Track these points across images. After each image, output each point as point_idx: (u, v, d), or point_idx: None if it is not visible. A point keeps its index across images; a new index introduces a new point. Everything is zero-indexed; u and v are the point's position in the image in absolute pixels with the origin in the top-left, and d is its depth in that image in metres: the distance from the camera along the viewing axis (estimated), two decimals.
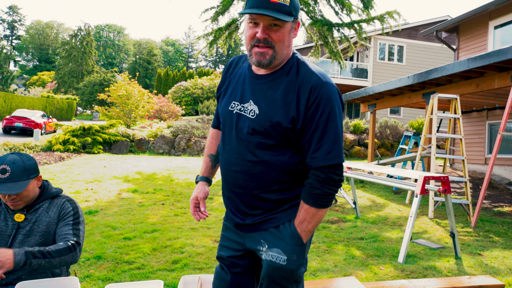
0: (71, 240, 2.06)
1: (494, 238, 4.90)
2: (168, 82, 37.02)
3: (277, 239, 1.46)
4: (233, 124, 1.48)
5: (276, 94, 1.41)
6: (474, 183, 9.40)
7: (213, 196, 6.92)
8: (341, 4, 10.93)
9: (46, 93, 34.62)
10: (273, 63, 1.40)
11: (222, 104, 1.57)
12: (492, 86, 6.83)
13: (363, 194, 7.82)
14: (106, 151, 12.68)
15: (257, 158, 1.43)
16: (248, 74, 1.51)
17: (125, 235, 4.41)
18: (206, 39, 11.86)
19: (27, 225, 2.09)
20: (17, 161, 2.03)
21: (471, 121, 11.29)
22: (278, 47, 1.38)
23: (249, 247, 1.55)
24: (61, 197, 2.22)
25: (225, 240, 1.64)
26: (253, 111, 1.43)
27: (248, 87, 1.48)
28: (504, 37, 10.36)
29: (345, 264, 3.75)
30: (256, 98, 1.44)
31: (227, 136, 1.52)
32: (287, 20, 1.33)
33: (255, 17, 1.35)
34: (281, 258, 1.44)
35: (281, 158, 1.43)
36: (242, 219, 1.53)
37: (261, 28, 1.35)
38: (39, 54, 63.88)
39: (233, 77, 1.57)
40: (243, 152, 1.45)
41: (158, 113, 19.75)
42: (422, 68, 19.88)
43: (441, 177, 4.08)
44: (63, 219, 2.14)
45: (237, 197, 1.53)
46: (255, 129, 1.41)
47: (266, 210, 1.49)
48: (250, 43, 1.40)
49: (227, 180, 1.55)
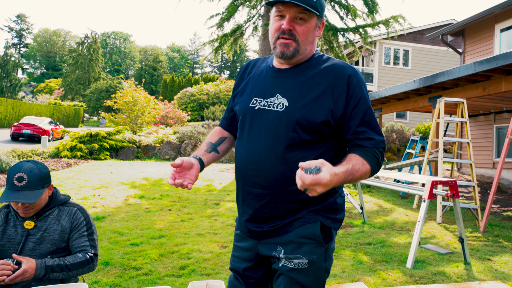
0: (89, 252, 2.10)
1: (503, 243, 4.84)
2: (174, 88, 37.24)
3: (296, 243, 1.39)
4: (256, 119, 1.43)
5: (305, 84, 1.39)
6: (482, 187, 9.31)
7: (220, 201, 6.92)
8: (346, 9, 10.96)
9: (54, 100, 34.97)
10: (296, 56, 1.40)
11: (240, 102, 1.52)
12: (499, 90, 6.79)
13: (370, 199, 7.78)
14: (113, 157, 12.75)
15: (286, 153, 1.36)
16: (270, 70, 1.50)
17: (132, 241, 4.42)
18: (212, 45, 11.94)
19: (37, 232, 2.09)
20: (33, 169, 2.03)
21: (478, 125, 11.21)
22: (301, 41, 1.39)
23: (262, 253, 1.47)
24: (70, 204, 2.22)
25: (237, 250, 1.57)
26: (281, 104, 1.39)
27: (272, 82, 1.46)
28: (511, 40, 10.31)
29: (353, 269, 3.72)
30: (283, 91, 1.41)
31: (248, 133, 1.45)
32: (313, 12, 1.35)
33: (281, 9, 1.36)
34: (302, 263, 1.38)
35: (311, 153, 1.38)
36: (260, 226, 1.45)
37: (287, 20, 1.36)
38: (47, 61, 64.59)
39: (252, 76, 1.55)
40: (269, 147, 1.38)
41: (164, 119, 19.85)
42: (428, 72, 19.80)
43: (449, 181, 4.05)
44: (77, 230, 2.14)
45: (255, 199, 1.43)
46: (284, 122, 1.37)
47: (287, 211, 1.41)
48: (275, 35, 1.40)
49: (245, 180, 1.45)
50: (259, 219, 1.44)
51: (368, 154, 1.35)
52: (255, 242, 1.49)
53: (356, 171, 1.29)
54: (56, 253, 2.14)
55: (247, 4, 11.35)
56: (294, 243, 1.39)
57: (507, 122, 10.14)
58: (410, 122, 20.02)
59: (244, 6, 11.46)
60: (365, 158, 1.34)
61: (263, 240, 1.46)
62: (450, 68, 7.20)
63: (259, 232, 1.45)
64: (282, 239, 1.41)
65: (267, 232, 1.44)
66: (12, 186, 1.98)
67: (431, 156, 7.23)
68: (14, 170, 2.01)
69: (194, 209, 6.31)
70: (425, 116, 19.51)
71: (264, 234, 1.45)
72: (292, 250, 1.39)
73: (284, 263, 1.39)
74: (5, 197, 1.97)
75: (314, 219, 1.40)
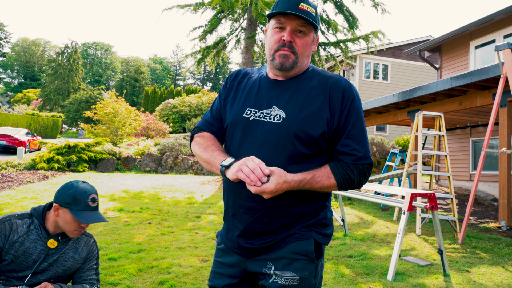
0: (96, 286, 2.17)
1: (481, 254, 4.93)
2: (156, 100, 37.01)
3: (288, 259, 1.37)
4: (251, 131, 1.39)
5: (303, 97, 1.39)
6: (459, 199, 9.50)
7: (201, 214, 6.84)
8: (327, 24, 11.17)
9: (31, 111, 34.18)
10: (294, 68, 1.41)
11: (231, 112, 1.47)
12: (475, 104, 7.00)
13: (351, 211, 7.83)
14: (92, 169, 12.49)
15: (283, 166, 1.32)
16: (265, 81, 1.47)
17: (110, 255, 4.30)
18: (194, 57, 11.95)
19: (55, 254, 2.08)
20: (95, 191, 2.14)
21: (456, 138, 11.50)
22: (300, 54, 1.40)
23: (250, 269, 1.43)
24: (86, 233, 2.27)
25: (219, 266, 1.51)
26: (278, 115, 1.37)
27: (268, 93, 1.43)
28: (485, 56, 10.68)
29: (335, 282, 3.71)
30: (280, 103, 1.39)
31: (240, 144, 1.41)
32: (313, 24, 1.37)
33: (283, 21, 1.37)
34: (293, 280, 1.35)
35: (308, 166, 1.36)
36: (252, 242, 1.40)
37: (288, 31, 1.37)
38: (25, 71, 63.34)
39: (243, 86, 1.51)
40: (265, 159, 1.31)
41: (145, 131, 19.64)
42: (407, 86, 20.29)
43: (428, 193, 4.11)
44: (89, 262, 2.20)
45: (248, 213, 1.39)
46: (282, 134, 1.35)
47: (281, 226, 1.38)
48: (274, 47, 1.40)
49: (237, 193, 1.40)
50: (251, 234, 1.40)
51: (339, 169, 1.35)
52: (242, 258, 1.45)
53: (316, 182, 1.31)
54: (60, 278, 2.15)
55: (230, 17, 11.46)
56: (286, 259, 1.37)
57: (482, 136, 10.43)
58: (390, 135, 20.38)
59: (227, 19, 11.56)
60: (333, 172, 1.34)
61: (253, 258, 1.43)
62: (428, 83, 7.39)
63: (250, 249, 1.41)
64: (273, 255, 1.39)
65: (258, 249, 1.40)
66: (88, 207, 2.05)
67: (410, 168, 7.35)
68: (85, 192, 2.06)
69: (174, 222, 6.21)
70: (404, 129, 19.90)
71: (255, 251, 1.41)
72: (283, 266, 1.36)
73: (274, 279, 1.36)
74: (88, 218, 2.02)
75: (308, 235, 1.39)
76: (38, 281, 2.04)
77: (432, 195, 4.10)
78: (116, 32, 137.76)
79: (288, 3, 1.35)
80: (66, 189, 2.06)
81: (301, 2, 1.35)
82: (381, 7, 10.99)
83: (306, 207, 1.40)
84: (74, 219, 2.00)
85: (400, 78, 21.19)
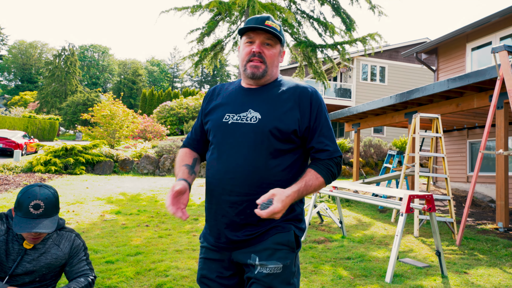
0: (90, 276, 2.14)
1: (479, 256, 4.93)
2: (153, 102, 36.96)
3: (271, 249, 1.50)
4: (230, 133, 1.56)
5: (275, 100, 1.58)
6: (457, 201, 9.52)
7: (199, 217, 6.83)
8: (324, 26, 11.19)
9: (28, 113, 34.05)
10: (264, 76, 1.61)
11: (212, 119, 1.64)
12: (472, 106, 7.02)
13: (349, 213, 7.83)
14: (89, 171, 12.45)
15: (261, 161, 1.51)
16: (240, 90, 1.66)
17: (107, 258, 4.28)
18: (192, 60, 11.95)
19: (34, 254, 2.04)
20: (49, 196, 1.98)
21: (453, 140, 11.53)
22: (269, 63, 1.60)
23: (236, 260, 1.56)
24: (67, 229, 2.20)
25: (206, 263, 1.63)
26: (254, 117, 1.55)
27: (243, 99, 1.62)
28: (481, 58, 10.73)
29: (333, 285, 3.71)
30: (255, 106, 1.58)
31: (221, 146, 1.57)
32: (277, 39, 1.60)
33: (252, 36, 1.59)
34: (277, 268, 1.49)
35: (284, 160, 1.55)
36: (236, 235, 1.53)
37: (257, 44, 1.59)
38: (22, 74, 63.16)
39: (222, 97, 1.69)
40: (246, 156, 1.51)
41: (143, 133, 19.60)
42: (404, 88, 20.34)
43: (426, 195, 4.12)
44: (76, 256, 2.16)
45: (232, 206, 1.52)
46: (258, 133, 1.52)
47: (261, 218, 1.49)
48: (246, 59, 1.60)
49: (221, 190, 1.54)
50: (234, 226, 1.53)
51: (321, 168, 1.55)
52: (227, 252, 1.57)
53: (309, 186, 1.50)
54: (44, 280, 2.11)
55: (227, 19, 11.46)
56: (269, 249, 1.51)
57: (479, 137, 10.47)
58: (387, 137, 20.42)
59: (225, 21, 11.56)
60: (318, 171, 1.54)
61: (238, 250, 1.55)
62: (425, 85, 7.41)
63: (235, 241, 1.54)
64: (257, 247, 1.52)
65: (242, 241, 1.53)
66: (28, 214, 1.90)
67: (407, 170, 7.36)
68: (28, 197, 1.93)
69: (172, 224, 6.20)
70: (401, 131, 19.94)
71: (239, 243, 1.54)
72: (267, 256, 1.50)
73: (259, 270, 1.49)
74: (22, 227, 1.88)
75: (288, 228, 1.55)
76: (23, 281, 2.03)
77: (430, 196, 4.10)
78: (113, 34, 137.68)
79: (256, 21, 1.57)
80: (21, 191, 2.00)
81: (267, 20, 1.58)
82: (378, 9, 11.03)
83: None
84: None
85: (397, 80, 21.25)
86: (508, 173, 6.24)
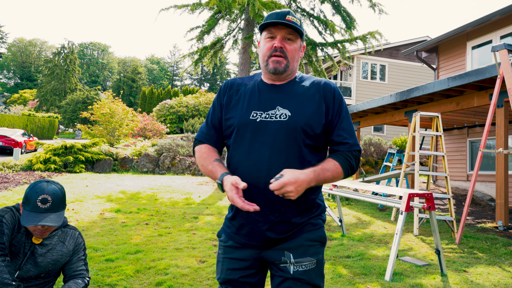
0: (86, 277, 2.19)
1: (478, 254, 4.94)
2: (153, 100, 36.91)
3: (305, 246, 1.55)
4: (260, 131, 1.54)
5: (301, 97, 1.59)
6: (457, 199, 9.52)
7: (198, 215, 6.83)
8: (324, 24, 11.18)
9: (27, 111, 34.05)
10: (286, 71, 1.60)
11: (236, 116, 1.61)
12: (472, 104, 7.01)
13: (349, 211, 7.83)
14: (89, 170, 12.44)
15: (294, 157, 1.52)
16: (263, 86, 1.65)
17: (107, 256, 4.28)
18: (192, 58, 11.93)
19: (42, 249, 2.09)
20: (56, 191, 2.03)
21: (453, 139, 11.53)
22: (291, 58, 1.60)
23: (268, 258, 1.58)
24: (70, 227, 2.24)
25: (231, 263, 1.61)
26: (284, 114, 1.55)
27: (269, 96, 1.61)
28: (481, 57, 10.72)
29: (332, 283, 3.71)
30: (282, 103, 1.57)
31: (250, 144, 1.55)
32: (300, 31, 1.59)
33: (273, 31, 1.58)
34: (311, 263, 1.54)
35: (315, 156, 1.58)
36: (272, 234, 1.55)
37: (278, 39, 1.58)
38: (21, 71, 63.08)
39: (243, 92, 1.66)
40: (278, 153, 1.52)
41: (143, 132, 19.58)
42: (404, 86, 20.33)
43: (425, 194, 4.11)
44: (77, 254, 2.21)
45: (266, 204, 1.52)
46: (290, 130, 1.52)
47: (295, 215, 1.55)
48: (267, 54, 1.59)
49: (255, 188, 1.52)
50: (269, 224, 1.54)
51: (340, 157, 1.56)
52: (257, 251, 1.59)
53: (327, 170, 1.50)
54: (48, 277, 2.15)
55: (227, 17, 11.44)
56: (303, 246, 1.55)
57: (479, 136, 10.46)
58: (387, 135, 20.41)
59: (224, 19, 11.54)
60: (337, 160, 1.55)
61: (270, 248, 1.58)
62: (425, 83, 7.40)
63: (270, 239, 1.55)
64: (290, 244, 1.55)
65: (277, 239, 1.56)
66: (36, 208, 1.95)
67: (407, 169, 7.36)
68: (36, 192, 1.97)
69: (172, 223, 6.20)
70: (401, 129, 19.94)
71: (273, 241, 1.56)
72: (301, 253, 1.54)
73: (295, 268, 1.52)
74: (30, 220, 1.92)
75: (319, 224, 1.62)
76: (30, 276, 2.07)
77: (430, 195, 4.10)
78: (113, 32, 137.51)
79: (277, 16, 1.57)
80: (29, 187, 2.04)
81: (287, 14, 1.57)
82: (378, 7, 11.01)
83: (311, 194, 1.59)
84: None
85: (397, 79, 21.23)
86: (508, 172, 6.24)
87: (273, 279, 1.58)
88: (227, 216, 1.69)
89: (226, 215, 1.71)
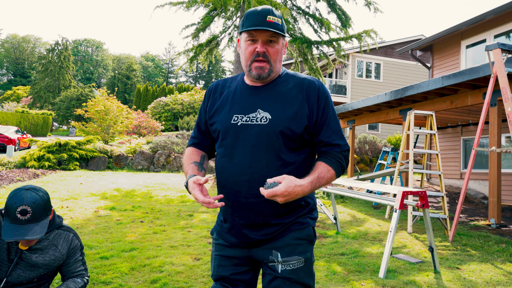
0: (86, 276, 2.15)
1: (471, 252, 4.99)
2: (148, 98, 36.76)
3: (292, 245, 1.53)
4: (241, 134, 1.53)
5: (283, 98, 1.55)
6: (450, 197, 9.60)
7: (193, 213, 6.82)
8: (319, 22, 11.18)
9: (21, 108, 33.75)
10: (270, 76, 1.56)
11: (219, 120, 1.60)
12: (466, 103, 7.06)
13: (344, 209, 7.87)
14: (83, 167, 12.39)
15: (275, 161, 1.50)
16: (244, 88, 1.62)
17: (102, 254, 4.27)
18: (187, 55, 11.89)
19: (32, 254, 2.00)
20: (37, 200, 1.90)
21: (447, 137, 11.60)
22: (273, 61, 1.55)
23: (256, 257, 1.58)
24: (64, 228, 2.16)
25: (222, 260, 1.63)
26: (264, 117, 1.52)
27: (250, 99, 1.58)
28: (476, 56, 10.78)
29: (327, 280, 3.73)
30: (263, 106, 1.54)
31: (232, 148, 1.55)
32: (282, 35, 1.53)
33: (254, 35, 1.51)
34: (299, 262, 1.53)
35: (296, 158, 1.54)
36: (257, 234, 1.55)
37: (260, 43, 1.52)
38: (14, 68, 62.53)
39: (226, 96, 1.64)
40: (259, 157, 1.50)
41: (137, 129, 19.51)
42: (399, 85, 20.41)
43: (419, 192, 4.14)
44: (73, 256, 2.14)
45: (249, 209, 1.52)
46: (270, 133, 1.50)
47: (279, 215, 1.53)
48: (250, 58, 1.54)
49: (237, 192, 1.53)
50: (254, 226, 1.54)
51: (332, 160, 1.54)
52: (245, 250, 1.59)
53: (322, 178, 1.49)
54: (41, 280, 2.09)
55: (222, 15, 11.41)
56: (290, 245, 1.54)
57: (473, 135, 10.54)
58: (382, 133, 20.50)
59: (220, 17, 11.51)
60: (329, 164, 1.53)
61: (259, 247, 1.57)
62: (420, 82, 7.44)
63: (256, 240, 1.55)
64: (278, 243, 1.54)
65: (263, 240, 1.55)
66: (15, 220, 1.84)
67: (402, 167, 7.40)
68: (15, 202, 1.85)
69: (167, 220, 6.19)
70: (396, 128, 20.03)
71: (259, 242, 1.56)
72: (289, 252, 1.53)
73: (283, 267, 1.52)
74: (9, 234, 1.81)
75: (306, 223, 1.58)
76: (21, 281, 2.02)
77: (423, 193, 4.13)
78: (107, 29, 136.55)
79: (257, 18, 1.50)
80: (9, 195, 1.92)
81: (268, 14, 1.50)
82: (373, 6, 11.03)
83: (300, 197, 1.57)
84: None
85: (392, 77, 21.31)
86: (501, 170, 6.29)
87: (264, 277, 1.59)
88: (218, 215, 1.71)
89: (218, 213, 1.73)
